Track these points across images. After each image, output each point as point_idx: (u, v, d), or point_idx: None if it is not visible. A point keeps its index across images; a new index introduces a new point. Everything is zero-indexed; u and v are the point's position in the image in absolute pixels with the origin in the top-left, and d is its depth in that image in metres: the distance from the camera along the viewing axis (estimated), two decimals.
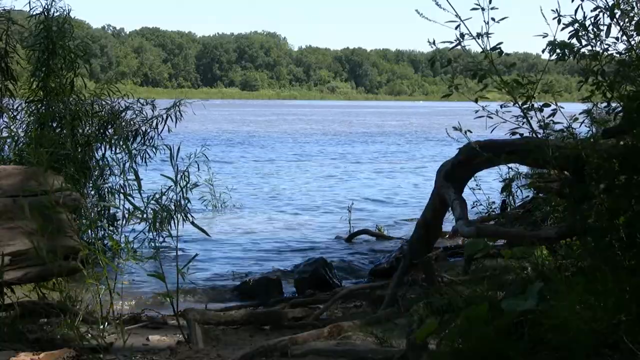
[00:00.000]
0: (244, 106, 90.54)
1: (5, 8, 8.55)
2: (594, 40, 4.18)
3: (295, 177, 20.92)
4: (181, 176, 5.56)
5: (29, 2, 8.73)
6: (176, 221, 6.17)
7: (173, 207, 5.88)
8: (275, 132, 42.04)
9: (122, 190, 7.06)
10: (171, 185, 5.58)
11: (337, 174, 21.74)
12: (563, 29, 4.20)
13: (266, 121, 54.77)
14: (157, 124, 9.18)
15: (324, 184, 19.27)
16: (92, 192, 8.77)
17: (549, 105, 4.28)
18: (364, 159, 26.65)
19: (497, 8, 4.09)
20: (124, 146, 8.34)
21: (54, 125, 8.75)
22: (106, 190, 8.82)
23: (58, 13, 8.79)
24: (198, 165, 8.59)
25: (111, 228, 8.72)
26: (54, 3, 8.77)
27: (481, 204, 8.15)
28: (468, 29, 4.16)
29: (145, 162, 8.99)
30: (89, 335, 5.08)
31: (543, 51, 4.32)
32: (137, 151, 9.00)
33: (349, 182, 19.89)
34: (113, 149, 8.84)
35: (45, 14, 8.74)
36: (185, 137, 27.91)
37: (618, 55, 4.21)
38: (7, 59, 8.47)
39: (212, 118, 50.86)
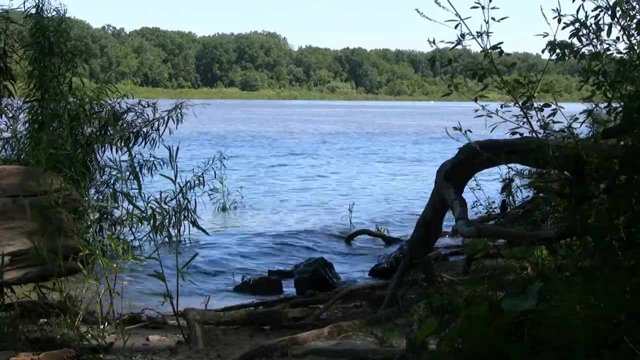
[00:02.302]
0: (246, 106, 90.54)
1: (4, 8, 8.54)
2: (594, 40, 4.19)
3: (295, 176, 20.91)
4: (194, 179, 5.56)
5: (24, 3, 8.75)
6: (176, 221, 6.18)
7: (174, 208, 5.88)
8: (276, 131, 42.03)
9: (123, 192, 7.05)
10: (174, 190, 5.58)
11: (338, 174, 21.74)
12: (564, 28, 4.20)
13: (268, 121, 54.77)
14: (158, 126, 9.17)
15: (324, 184, 19.27)
16: (93, 193, 8.77)
17: (550, 105, 4.28)
18: (367, 159, 26.65)
19: (497, 8, 4.10)
20: (124, 148, 8.35)
21: (53, 125, 8.74)
22: (107, 191, 8.81)
23: (54, 13, 8.80)
24: (215, 172, 8.62)
25: (111, 228, 8.72)
26: (47, 3, 8.78)
27: (481, 204, 8.15)
28: (468, 28, 4.17)
29: (152, 174, 8.99)
30: (89, 335, 5.08)
31: (543, 51, 4.32)
32: (145, 162, 9.01)
33: (349, 181, 19.88)
34: (114, 149, 8.84)
35: (40, 13, 8.73)
36: (188, 137, 27.93)
37: (619, 55, 4.21)
38: (5, 58, 8.47)
39: (214, 118, 50.89)
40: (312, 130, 44.06)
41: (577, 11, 4.14)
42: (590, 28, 4.16)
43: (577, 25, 4.17)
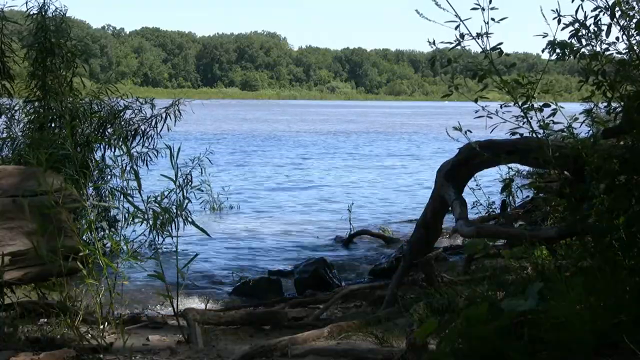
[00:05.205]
0: (248, 106, 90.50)
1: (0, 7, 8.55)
2: (594, 40, 4.19)
3: (295, 176, 20.91)
4: (183, 178, 5.56)
5: (26, 2, 8.74)
6: (176, 222, 6.16)
7: (174, 208, 5.86)
8: (278, 131, 42.04)
9: (122, 191, 7.06)
10: (173, 188, 5.58)
11: (338, 174, 21.74)
12: (563, 28, 4.20)
13: (269, 120, 54.77)
14: (156, 123, 9.17)
15: (324, 184, 19.26)
16: (92, 192, 8.77)
17: (549, 105, 4.29)
18: (366, 159, 26.65)
19: (497, 8, 4.10)
20: (123, 147, 8.35)
21: (53, 125, 8.75)
22: (107, 190, 8.81)
23: (55, 13, 8.80)
24: (202, 169, 8.64)
25: (111, 229, 8.72)
26: (50, 3, 8.79)
27: (481, 204, 8.14)
28: (468, 29, 4.17)
29: (147, 165, 9.00)
30: (89, 335, 5.08)
31: (543, 51, 4.32)
32: (139, 154, 9.01)
33: (349, 181, 19.88)
34: (112, 149, 8.84)
35: (43, 13, 8.74)
36: (189, 137, 27.94)
37: (618, 55, 4.21)
38: (3, 58, 8.47)
39: (215, 118, 50.88)
40: (314, 130, 44.06)
41: (576, 11, 4.15)
42: (590, 28, 4.17)
43: (576, 25, 4.18)
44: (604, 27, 4.16)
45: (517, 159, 5.30)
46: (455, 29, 4.18)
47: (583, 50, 4.23)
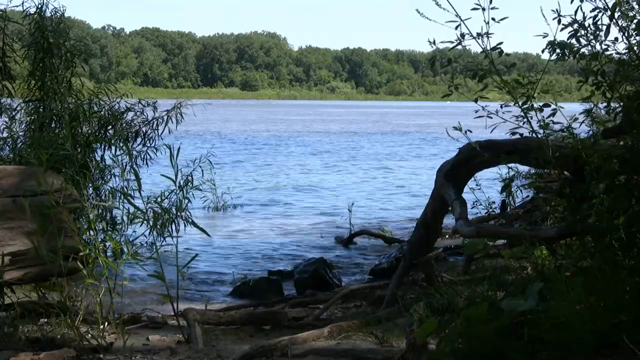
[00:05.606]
0: (249, 106, 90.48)
1: (1, 8, 8.56)
2: (593, 41, 4.19)
3: (296, 177, 20.91)
4: (184, 178, 5.55)
5: (22, 3, 8.75)
6: (177, 222, 6.17)
7: (174, 209, 5.86)
8: (279, 132, 42.03)
9: (122, 191, 7.05)
10: (173, 189, 5.58)
11: (338, 174, 21.74)
12: (563, 29, 4.21)
13: (270, 121, 54.77)
14: (157, 125, 9.17)
15: (324, 184, 19.26)
16: (92, 193, 8.77)
17: (549, 106, 4.29)
18: (366, 158, 26.65)
19: (497, 8, 4.10)
20: (124, 147, 8.35)
21: (53, 125, 8.75)
22: (107, 191, 8.81)
23: (53, 13, 8.80)
24: (203, 170, 8.65)
25: (111, 229, 8.71)
26: (47, 3, 8.79)
27: (481, 204, 8.14)
28: (468, 29, 4.18)
29: (147, 163, 9.00)
30: (89, 335, 5.09)
31: (543, 51, 4.33)
32: (138, 152, 9.01)
33: (350, 181, 19.88)
34: (113, 149, 8.84)
35: (40, 13, 8.74)
36: (190, 137, 27.96)
37: (618, 56, 4.21)
38: (4, 58, 8.48)
39: (217, 118, 50.84)
40: (315, 130, 44.05)
41: (575, 12, 4.15)
42: (589, 29, 4.17)
43: (575, 26, 4.18)
44: (603, 28, 4.16)
45: (517, 159, 5.31)
46: (456, 28, 4.19)
47: (583, 50, 4.24)
